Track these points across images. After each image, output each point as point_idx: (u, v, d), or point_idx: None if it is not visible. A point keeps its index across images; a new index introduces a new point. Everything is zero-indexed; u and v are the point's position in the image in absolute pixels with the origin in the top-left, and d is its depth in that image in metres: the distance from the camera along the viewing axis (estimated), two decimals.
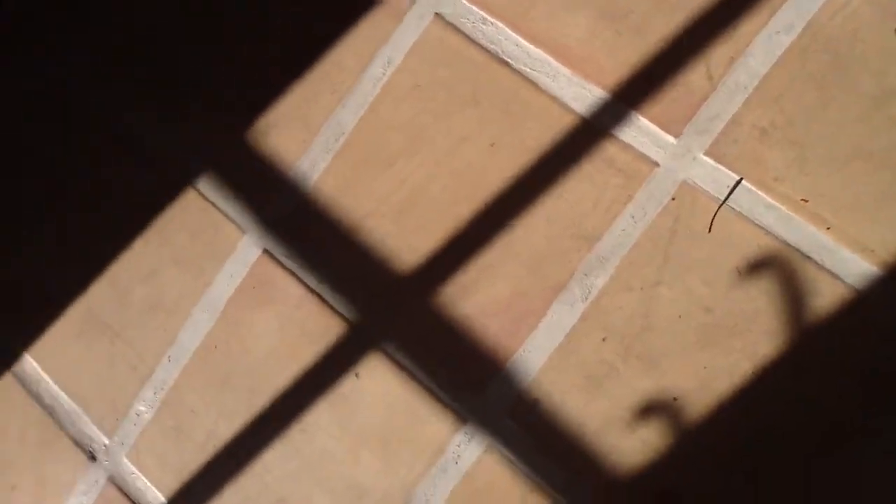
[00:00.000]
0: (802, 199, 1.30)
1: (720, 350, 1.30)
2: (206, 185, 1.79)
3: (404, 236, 1.58)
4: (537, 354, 1.42)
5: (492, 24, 1.59)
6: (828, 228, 1.28)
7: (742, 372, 1.29)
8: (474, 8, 1.61)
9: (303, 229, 1.66)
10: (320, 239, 1.65)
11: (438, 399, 1.51)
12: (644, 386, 1.34)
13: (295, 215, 1.69)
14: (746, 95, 1.37)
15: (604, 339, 1.38)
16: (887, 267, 1.24)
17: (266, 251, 1.70)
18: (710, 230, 1.33)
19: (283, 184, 1.70)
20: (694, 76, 1.41)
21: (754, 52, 1.37)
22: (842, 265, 1.26)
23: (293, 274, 1.66)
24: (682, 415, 1.31)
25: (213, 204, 1.79)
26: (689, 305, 1.34)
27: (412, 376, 1.53)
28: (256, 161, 1.76)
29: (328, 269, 1.63)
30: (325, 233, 1.64)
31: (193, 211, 1.80)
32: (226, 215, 1.76)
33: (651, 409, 1.33)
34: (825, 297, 1.27)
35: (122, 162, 1.88)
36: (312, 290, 1.64)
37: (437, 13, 1.64)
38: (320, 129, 1.71)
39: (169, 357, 1.75)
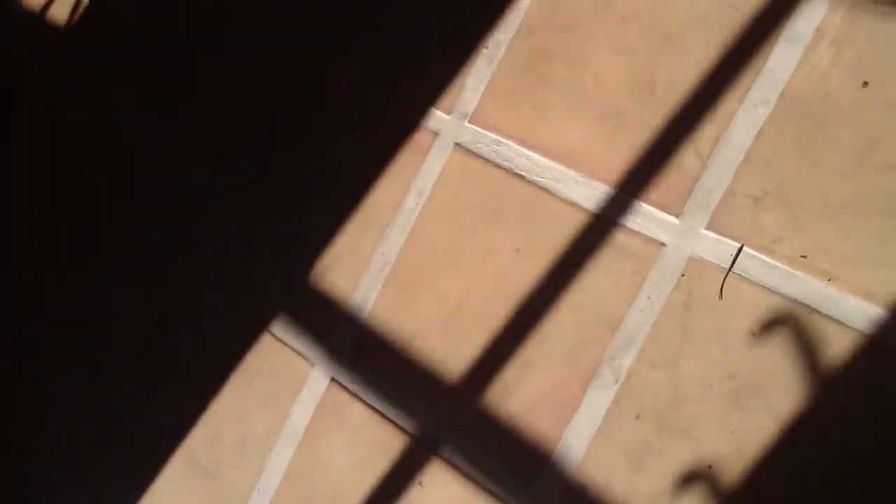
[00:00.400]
0: (802, 256, 1.36)
1: (746, 412, 1.36)
2: (278, 328, 1.99)
3: (451, 346, 1.71)
4: (579, 441, 1.50)
5: (504, 144, 1.76)
6: (829, 280, 1.34)
7: (769, 431, 1.33)
8: (488, 133, 1.80)
9: (363, 355, 1.84)
10: (379, 361, 1.81)
11: (495, 495, 1.59)
12: (680, 457, 1.40)
13: (355, 343, 1.86)
14: (735, 168, 1.47)
15: (637, 417, 1.45)
16: (891, 307, 1.28)
17: (333, 379, 1.87)
18: (720, 298, 1.40)
19: (342, 316, 1.88)
20: (685, 158, 1.53)
21: (736, 127, 1.48)
22: (847, 313, 1.31)
23: (358, 397, 1.82)
24: (718, 481, 1.36)
25: (285, 344, 1.98)
26: (712, 373, 1.40)
27: (470, 478, 1.63)
28: (318, 299, 1.96)
29: (388, 387, 1.78)
30: (382, 355, 1.81)
31: (270, 353, 1.99)
32: (297, 352, 1.95)
33: (690, 479, 1.38)
34: (837, 346, 1.31)
35: (212, 317, 2.12)
36: (376, 410, 1.78)
37: (456, 143, 1.83)
38: (369, 262, 1.89)
39: (258, 489, 1.90)
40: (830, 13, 1.45)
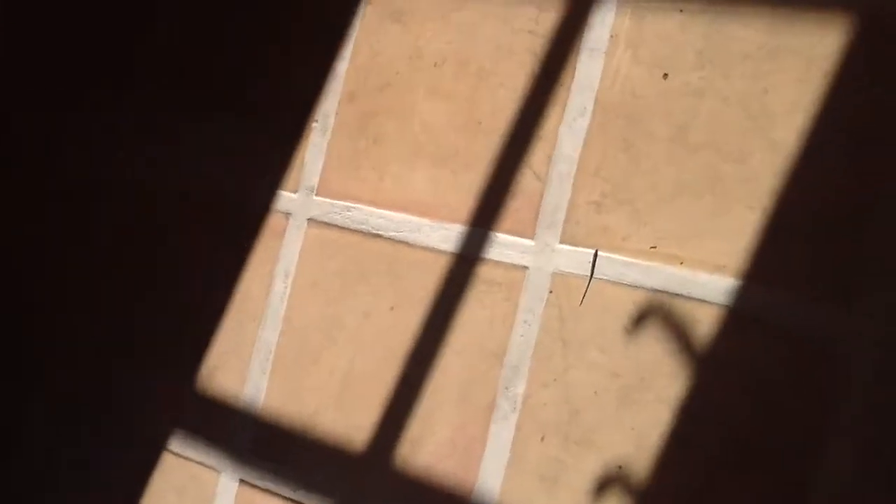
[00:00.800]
0: (651, 247, 1.43)
1: (639, 406, 1.40)
2: (176, 444, 1.93)
3: (350, 418, 1.71)
4: (493, 476, 1.51)
5: (355, 208, 1.78)
6: (681, 263, 1.40)
7: (664, 418, 1.37)
8: (337, 201, 1.82)
9: (266, 448, 1.81)
10: (283, 450, 1.79)
11: None
12: (591, 466, 1.43)
13: (255, 438, 1.83)
14: (572, 180, 1.53)
15: (542, 439, 1.47)
16: (742, 273, 1.35)
17: (243, 481, 1.82)
18: (580, 304, 1.45)
19: (237, 415, 1.85)
20: (526, 182, 1.59)
21: (562, 142, 1.55)
22: (705, 290, 1.38)
23: (271, 492, 1.79)
24: (630, 479, 1.39)
25: (186, 458, 1.92)
26: (599, 378, 1.44)
27: None
28: (210, 404, 1.92)
29: (298, 474, 1.76)
30: (285, 443, 1.79)
31: (174, 471, 1.93)
32: (200, 463, 1.89)
33: (604, 484, 1.42)
34: (704, 323, 1.37)
35: (101, 441, 2.03)
36: (291, 500, 1.74)
37: (309, 219, 1.84)
38: (251, 354, 1.87)
39: None
40: (619, 19, 1.55)
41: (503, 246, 1.60)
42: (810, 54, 1.37)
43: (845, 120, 1.34)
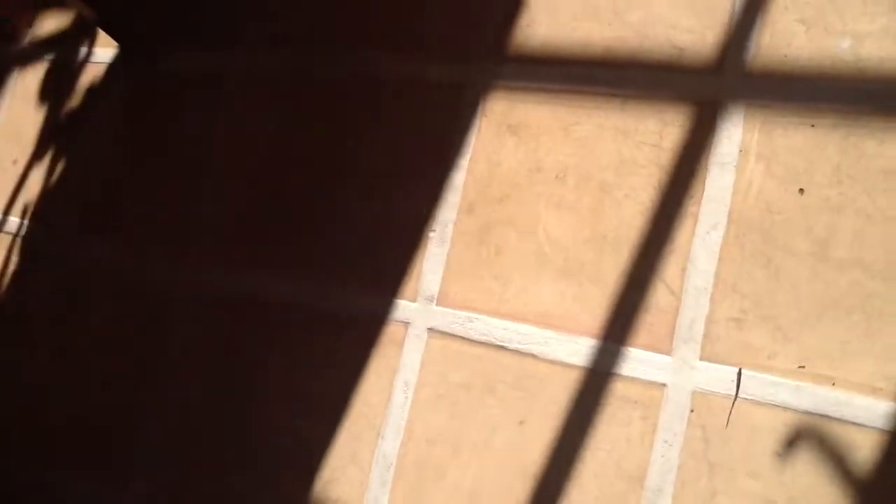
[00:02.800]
0: (800, 367, 1.41)
1: None
2: None
3: None
4: None
5: (477, 319, 1.80)
6: (833, 384, 1.38)
7: None
8: (458, 311, 1.84)
9: None
10: None
11: None
12: None
13: None
14: (709, 294, 1.52)
15: None
16: None
17: None
18: (727, 425, 1.44)
19: None
20: (659, 296, 1.59)
21: (696, 256, 1.55)
22: (861, 413, 1.36)
23: None
24: None
25: None
26: (750, 503, 1.41)
27: None
28: None
29: None
30: None
31: None
32: None
33: None
34: (862, 447, 1.34)
35: None
36: None
37: (429, 328, 1.87)
38: (370, 468, 1.88)
39: None
40: (747, 133, 1.56)
41: (637, 361, 1.60)
42: None
43: None
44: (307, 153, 2.24)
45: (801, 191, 1.49)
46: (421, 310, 1.93)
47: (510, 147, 1.89)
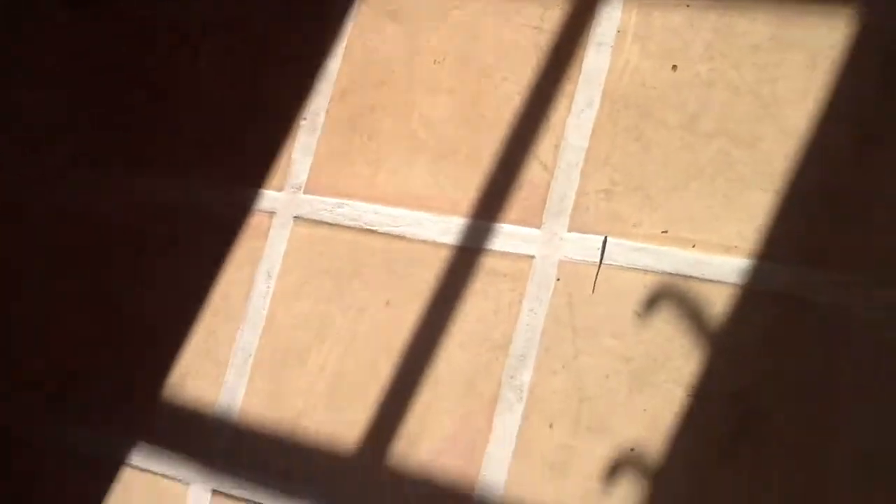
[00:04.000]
0: (663, 232, 1.48)
1: (651, 388, 1.42)
2: (139, 458, 1.86)
3: (339, 417, 1.68)
4: (499, 468, 1.50)
5: (347, 204, 1.80)
6: (693, 246, 1.45)
7: (678, 399, 1.40)
8: (328, 198, 1.82)
9: (244, 455, 1.75)
10: (262, 456, 1.74)
11: None
12: (603, 451, 1.44)
13: (231, 446, 1.77)
14: (581, 169, 1.57)
15: (551, 426, 1.48)
16: (754, 253, 1.41)
17: (216, 491, 1.76)
18: (593, 291, 1.48)
19: (211, 422, 1.80)
20: (532, 172, 1.62)
21: (570, 133, 1.60)
22: (718, 270, 1.43)
23: (248, 500, 1.71)
24: (643, 461, 1.41)
25: (151, 472, 1.84)
26: (611, 362, 1.47)
27: None
28: (180, 412, 1.86)
29: (278, 480, 1.70)
30: (265, 449, 1.74)
31: (136, 486, 1.85)
32: (166, 476, 1.82)
33: (617, 468, 1.43)
34: (717, 303, 1.41)
35: (56, 473, 1.95)
36: None
37: (295, 216, 1.84)
38: (229, 358, 1.83)
39: None
40: (626, 14, 1.63)
41: (508, 236, 1.64)
42: (817, 45, 1.47)
43: (851, 103, 1.43)
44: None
45: (675, 67, 1.57)
46: (287, 199, 1.90)
47: (389, 33, 1.90)
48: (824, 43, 1.47)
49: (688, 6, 1.59)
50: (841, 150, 1.41)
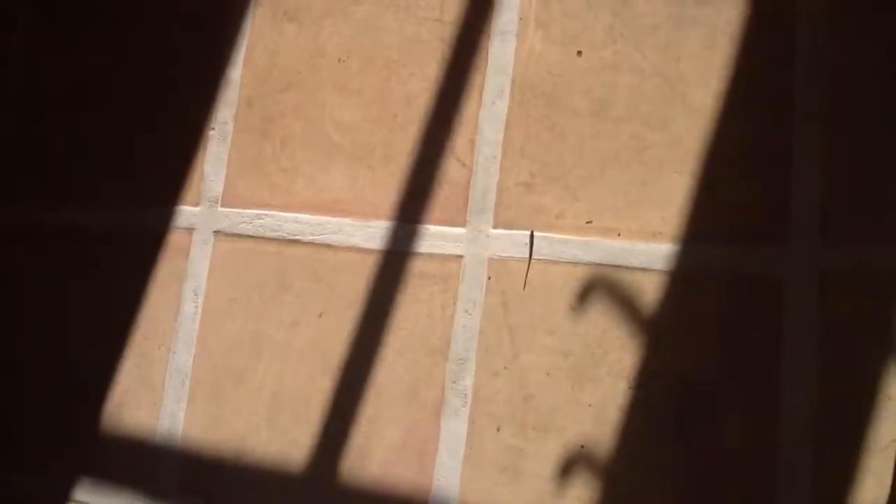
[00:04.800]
0: (587, 222, 1.47)
1: (594, 382, 1.43)
2: (83, 493, 1.82)
3: (285, 436, 1.66)
4: (451, 475, 1.51)
5: (267, 215, 1.75)
6: (619, 235, 1.45)
7: (621, 390, 1.41)
8: (246, 210, 1.77)
9: (192, 480, 1.72)
10: (211, 482, 1.71)
11: None
12: (552, 450, 1.45)
13: (178, 473, 1.74)
14: (498, 163, 1.55)
15: (498, 429, 1.49)
16: (678, 237, 1.41)
17: None
18: (524, 287, 1.48)
19: (154, 450, 1.76)
20: (451, 170, 1.60)
21: (484, 126, 1.58)
22: (645, 257, 1.43)
23: None
24: (594, 456, 1.42)
25: None
26: (551, 359, 1.47)
27: None
28: (120, 443, 1.82)
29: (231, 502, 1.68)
30: (213, 474, 1.71)
31: None
32: None
33: (569, 466, 1.44)
34: (649, 290, 1.42)
35: None
36: None
37: (215, 231, 1.79)
38: (164, 383, 1.79)
39: None
40: (525, 0, 1.60)
41: (434, 237, 1.62)
42: (715, 21, 1.47)
43: (753, 76, 1.43)
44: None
45: (580, 53, 1.55)
46: (205, 213, 1.85)
47: (289, 34, 1.83)
48: (721, 18, 1.46)
49: None
50: (750, 125, 1.41)
